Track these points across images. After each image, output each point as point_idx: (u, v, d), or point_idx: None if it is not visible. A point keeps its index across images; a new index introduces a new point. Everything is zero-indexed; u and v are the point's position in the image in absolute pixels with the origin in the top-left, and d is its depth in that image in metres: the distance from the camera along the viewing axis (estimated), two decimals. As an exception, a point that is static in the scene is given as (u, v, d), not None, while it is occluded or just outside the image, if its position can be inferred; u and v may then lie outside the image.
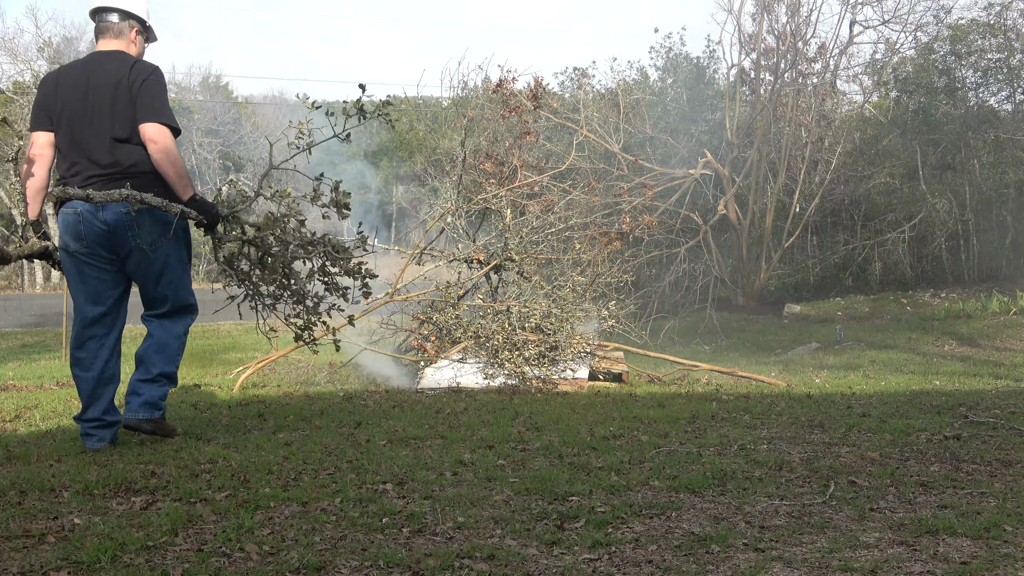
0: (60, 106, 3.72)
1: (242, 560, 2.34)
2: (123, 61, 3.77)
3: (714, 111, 16.71)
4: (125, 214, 3.64)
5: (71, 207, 3.67)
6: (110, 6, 3.86)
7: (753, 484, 3.15)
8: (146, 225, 3.69)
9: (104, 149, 3.67)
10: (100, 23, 3.89)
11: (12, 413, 4.83)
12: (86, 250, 3.69)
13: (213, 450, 3.63)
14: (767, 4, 13.78)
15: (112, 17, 3.87)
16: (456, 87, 13.63)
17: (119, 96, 3.68)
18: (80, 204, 3.64)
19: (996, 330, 10.31)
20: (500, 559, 2.37)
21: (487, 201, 7.96)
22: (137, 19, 3.91)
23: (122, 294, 3.87)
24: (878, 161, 15.94)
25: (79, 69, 3.81)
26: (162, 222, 3.72)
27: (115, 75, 3.70)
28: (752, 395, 5.73)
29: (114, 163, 3.67)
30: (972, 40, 15.97)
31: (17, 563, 2.27)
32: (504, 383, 6.05)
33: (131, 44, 3.89)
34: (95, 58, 3.83)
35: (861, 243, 15.63)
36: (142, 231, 3.69)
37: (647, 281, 13.32)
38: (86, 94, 3.70)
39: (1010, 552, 2.42)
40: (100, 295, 3.79)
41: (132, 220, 3.65)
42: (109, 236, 3.67)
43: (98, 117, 3.68)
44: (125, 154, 3.68)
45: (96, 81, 3.71)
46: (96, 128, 3.68)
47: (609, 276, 8.14)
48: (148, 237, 3.72)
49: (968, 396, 5.47)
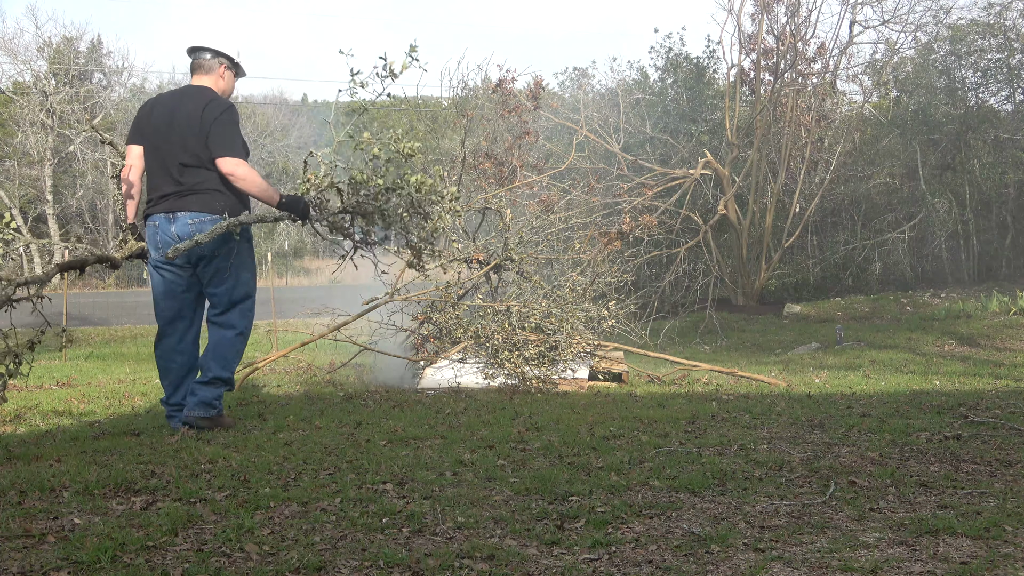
0: (151, 128, 4.28)
1: (242, 560, 2.34)
2: (203, 97, 4.29)
3: (714, 111, 16.69)
4: (191, 225, 4.16)
5: (151, 220, 4.24)
6: (204, 46, 4.43)
7: (753, 484, 3.15)
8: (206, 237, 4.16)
9: (175, 171, 4.20)
10: (194, 60, 4.46)
11: (12, 413, 4.83)
12: (163, 258, 4.21)
13: (213, 450, 3.63)
14: (767, 4, 13.77)
15: (205, 55, 4.44)
16: (456, 87, 13.62)
17: (192, 128, 4.19)
18: (157, 217, 4.20)
19: (996, 330, 10.31)
20: (500, 559, 2.37)
21: (487, 201, 7.96)
22: (227, 57, 4.47)
23: (197, 296, 4.37)
24: (878, 161, 15.93)
25: (170, 98, 4.39)
26: (222, 235, 4.18)
27: (195, 109, 4.22)
28: (752, 395, 5.73)
29: (181, 183, 4.20)
30: (972, 40, 15.97)
31: (17, 563, 2.27)
32: (504, 383, 6.05)
33: (220, 79, 4.45)
34: (186, 91, 4.40)
35: (861, 243, 15.63)
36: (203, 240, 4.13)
37: (647, 281, 13.32)
38: (170, 122, 4.23)
39: (1010, 552, 2.42)
40: (175, 296, 4.30)
41: (199, 229, 4.14)
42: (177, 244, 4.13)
43: (175, 144, 4.20)
44: (191, 175, 4.21)
45: (180, 112, 4.24)
46: (171, 153, 4.21)
47: (609, 276, 8.14)
48: (211, 246, 4.19)
49: (968, 396, 5.47)
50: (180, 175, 4.19)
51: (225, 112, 4.24)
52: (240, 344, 4.41)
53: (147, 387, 6.39)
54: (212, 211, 4.18)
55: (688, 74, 17.21)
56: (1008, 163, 15.43)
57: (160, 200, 4.22)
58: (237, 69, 4.56)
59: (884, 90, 16.44)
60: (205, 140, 4.16)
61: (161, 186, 4.23)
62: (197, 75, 4.44)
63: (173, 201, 4.19)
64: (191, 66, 4.47)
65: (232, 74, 4.54)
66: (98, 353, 11.21)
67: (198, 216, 4.17)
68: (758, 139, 13.88)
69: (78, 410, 5.12)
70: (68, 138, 28.67)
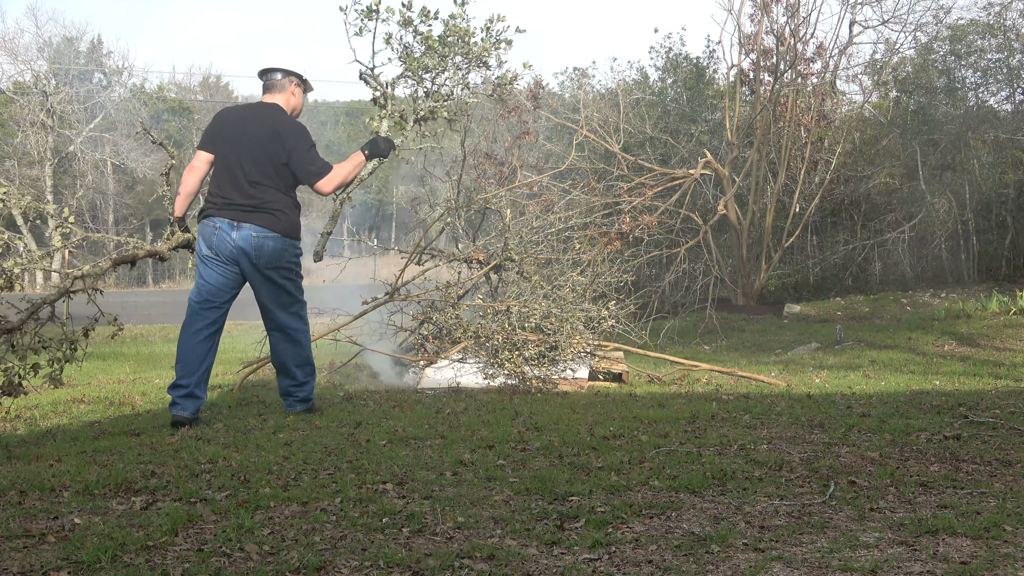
0: (222, 138, 4.59)
1: (242, 560, 2.34)
2: (275, 117, 4.62)
3: (714, 111, 16.69)
4: (254, 238, 4.49)
5: (211, 221, 4.54)
6: (275, 67, 4.72)
7: (753, 484, 3.15)
8: (266, 251, 4.52)
9: (244, 186, 4.52)
10: (266, 81, 4.75)
11: (12, 413, 4.83)
12: (215, 257, 4.53)
13: (213, 450, 3.63)
14: (765, 4, 13.76)
15: (276, 75, 4.73)
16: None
17: (262, 146, 4.52)
18: (220, 220, 4.51)
19: (996, 330, 10.30)
20: (500, 559, 2.37)
21: (487, 201, 7.95)
22: (296, 75, 4.75)
23: (232, 297, 4.64)
24: (878, 161, 15.92)
25: (243, 113, 4.69)
26: (279, 251, 4.55)
27: (268, 129, 4.55)
28: (752, 395, 5.73)
29: (250, 198, 4.52)
30: (971, 40, 15.97)
31: (17, 563, 2.27)
32: (504, 383, 6.05)
33: (291, 96, 4.75)
34: (258, 108, 4.70)
35: (861, 243, 15.63)
36: (261, 254, 4.52)
37: (647, 281, 13.31)
38: (241, 137, 4.55)
39: (1010, 552, 2.42)
40: (216, 293, 4.57)
41: (258, 244, 4.49)
42: (235, 250, 4.50)
43: (244, 158, 4.52)
44: (261, 192, 4.53)
45: (251, 128, 4.57)
46: (241, 167, 4.52)
47: (609, 276, 8.13)
48: (266, 260, 4.53)
49: (968, 396, 5.47)
50: (251, 189, 4.52)
51: (301, 138, 4.59)
52: (303, 339, 4.76)
53: (147, 387, 6.39)
54: (274, 229, 4.53)
55: (688, 74, 17.21)
56: (1008, 163, 15.42)
57: (226, 206, 4.53)
58: (305, 85, 4.83)
59: (884, 90, 16.44)
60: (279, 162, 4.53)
61: (229, 194, 4.55)
62: (269, 94, 4.74)
63: (240, 212, 4.52)
64: (263, 86, 4.77)
65: (301, 91, 4.82)
66: (98, 353, 11.20)
67: (262, 231, 4.51)
68: (758, 139, 13.87)
69: (78, 410, 5.12)
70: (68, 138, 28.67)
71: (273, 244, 4.54)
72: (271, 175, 4.54)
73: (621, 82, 16.72)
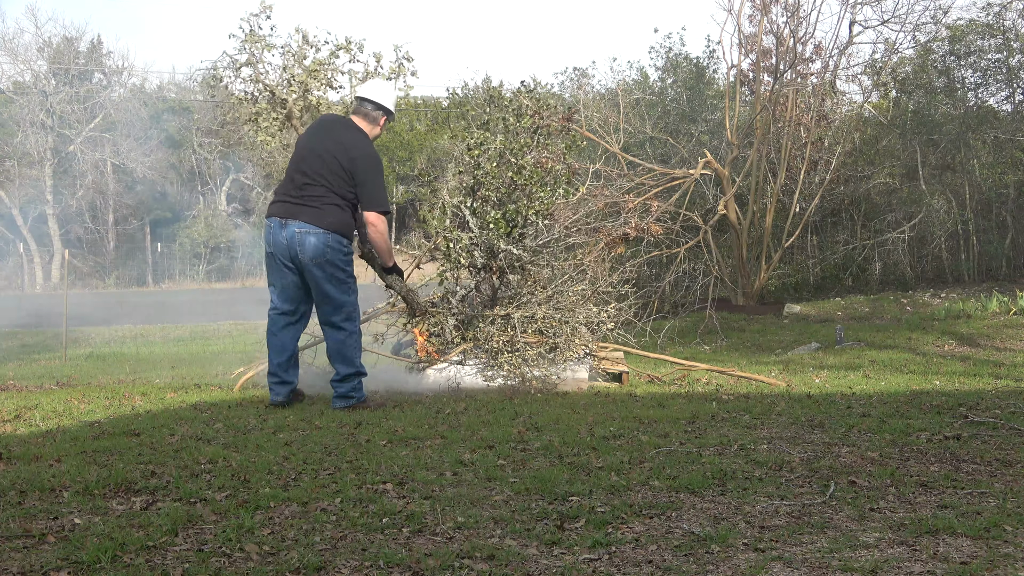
0: (305, 138, 4.93)
1: (242, 560, 2.34)
2: (357, 138, 4.89)
3: (714, 111, 16.68)
4: (298, 234, 4.71)
5: (268, 221, 4.84)
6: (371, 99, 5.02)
7: (753, 484, 3.15)
8: (308, 246, 4.71)
9: (298, 186, 4.79)
10: (360, 106, 5.03)
11: (12, 413, 4.83)
12: (273, 255, 4.83)
13: (213, 450, 3.63)
14: (765, 4, 13.76)
15: (368, 105, 5.02)
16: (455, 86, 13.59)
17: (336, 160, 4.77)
18: (272, 219, 4.79)
19: (996, 330, 10.30)
20: (500, 559, 2.37)
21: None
22: (389, 112, 5.08)
23: (306, 294, 4.91)
24: (878, 161, 15.92)
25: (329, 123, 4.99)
26: (321, 247, 4.73)
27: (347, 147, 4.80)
28: (752, 395, 5.73)
29: (299, 196, 4.78)
30: (971, 40, 15.96)
31: (17, 563, 2.27)
32: (504, 384, 6.04)
33: (377, 127, 5.05)
34: (347, 124, 4.98)
35: (861, 243, 15.63)
36: (305, 250, 4.72)
37: (647, 281, 13.30)
38: (318, 142, 4.83)
39: (1010, 552, 2.42)
40: (285, 290, 4.90)
41: (301, 239, 4.70)
42: (286, 248, 4.75)
43: (313, 164, 4.78)
44: (310, 191, 4.77)
45: (331, 138, 4.85)
46: (306, 169, 4.79)
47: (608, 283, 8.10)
48: (310, 254, 4.72)
49: (968, 396, 5.46)
50: (302, 190, 4.75)
51: (375, 165, 4.87)
52: (353, 341, 4.95)
53: (147, 387, 6.38)
54: (320, 224, 4.71)
55: (688, 74, 17.21)
56: (1008, 163, 15.41)
57: (278, 204, 4.81)
58: (390, 116, 5.13)
59: (884, 90, 16.43)
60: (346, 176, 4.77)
61: (284, 191, 4.83)
62: (359, 117, 5.01)
63: (288, 207, 4.75)
64: (353, 108, 5.07)
65: (386, 120, 5.11)
66: (98, 353, 11.21)
67: (304, 227, 4.70)
68: (758, 139, 13.87)
69: (78, 410, 5.12)
70: (68, 138, 28.66)
71: (315, 240, 4.71)
72: (326, 177, 4.75)
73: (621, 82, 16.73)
